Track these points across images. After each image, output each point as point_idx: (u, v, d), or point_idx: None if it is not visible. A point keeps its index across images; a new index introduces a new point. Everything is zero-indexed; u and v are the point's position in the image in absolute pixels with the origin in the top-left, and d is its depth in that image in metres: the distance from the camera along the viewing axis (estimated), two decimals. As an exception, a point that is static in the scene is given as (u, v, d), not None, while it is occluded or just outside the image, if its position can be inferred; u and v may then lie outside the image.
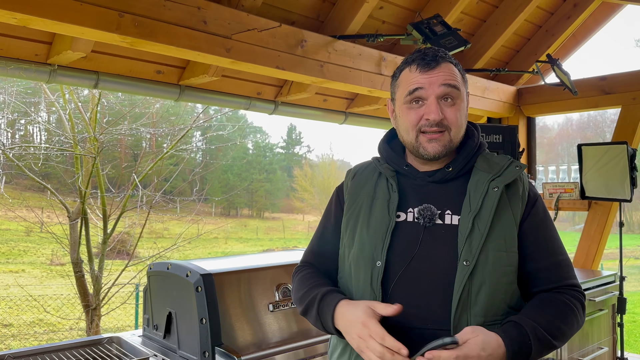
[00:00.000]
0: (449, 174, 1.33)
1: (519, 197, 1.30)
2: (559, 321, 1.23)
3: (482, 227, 1.23)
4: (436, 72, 1.28)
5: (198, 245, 17.73)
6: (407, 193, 1.35)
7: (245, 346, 1.95)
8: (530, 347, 1.17)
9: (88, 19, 2.13)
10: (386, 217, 1.31)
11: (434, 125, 1.28)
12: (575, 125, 34.96)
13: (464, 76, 1.35)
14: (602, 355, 3.54)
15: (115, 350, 2.03)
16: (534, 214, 1.31)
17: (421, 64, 1.30)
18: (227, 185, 32.27)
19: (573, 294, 1.29)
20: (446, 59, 1.31)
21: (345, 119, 4.11)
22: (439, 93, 1.28)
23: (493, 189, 1.27)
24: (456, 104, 1.29)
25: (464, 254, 1.22)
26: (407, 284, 1.25)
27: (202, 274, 1.93)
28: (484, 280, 1.21)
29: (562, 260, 1.31)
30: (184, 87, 3.18)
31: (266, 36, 2.72)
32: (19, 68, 2.65)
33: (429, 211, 1.28)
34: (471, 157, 1.35)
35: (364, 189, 1.41)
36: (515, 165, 1.32)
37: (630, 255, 17.50)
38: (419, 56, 1.32)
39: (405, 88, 1.31)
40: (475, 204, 1.26)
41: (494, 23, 4.02)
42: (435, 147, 1.29)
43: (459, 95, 1.30)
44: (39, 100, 7.76)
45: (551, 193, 4.15)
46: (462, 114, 1.32)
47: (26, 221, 10.54)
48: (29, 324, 9.49)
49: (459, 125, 1.31)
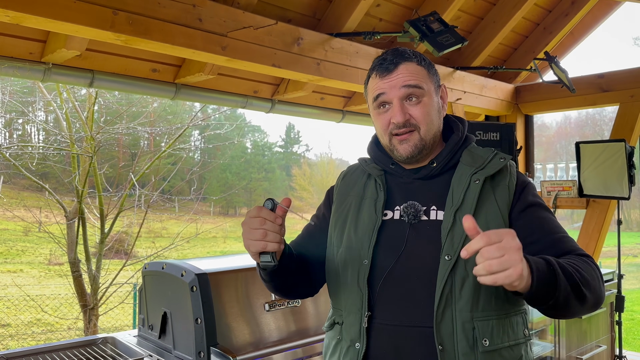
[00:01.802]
0: (433, 170, 1.33)
1: (505, 186, 1.28)
2: (581, 269, 1.12)
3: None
4: (395, 75, 1.29)
5: (196, 245, 17.72)
6: (394, 191, 1.36)
7: (242, 346, 1.93)
8: (554, 272, 1.06)
9: (82, 17, 2.11)
10: (373, 215, 1.32)
11: (401, 127, 1.29)
12: (573, 123, 34.97)
13: (430, 70, 1.34)
14: (601, 353, 3.54)
15: (109, 351, 2.01)
16: (523, 199, 1.28)
17: (380, 70, 1.32)
18: (225, 184, 32.23)
19: (586, 260, 1.19)
20: (406, 58, 1.31)
21: (343, 117, 4.10)
22: (401, 95, 1.29)
23: (475, 181, 1.27)
24: (422, 102, 1.29)
25: (445, 249, 1.21)
26: (393, 281, 1.25)
27: (197, 273, 1.92)
28: (467, 273, 1.19)
29: (562, 237, 1.25)
30: (180, 85, 3.16)
31: (262, 34, 2.70)
32: (14, 67, 2.64)
33: (412, 208, 1.28)
34: (456, 151, 1.34)
35: (353, 189, 1.42)
36: (500, 157, 1.31)
37: (629, 253, 17.53)
38: (378, 61, 1.33)
39: (371, 95, 1.34)
40: (457, 198, 1.26)
41: (491, 20, 4.00)
42: (406, 147, 1.30)
43: (423, 93, 1.30)
44: (36, 99, 7.72)
45: (549, 191, 4.14)
46: (431, 109, 1.31)
47: (24, 221, 10.52)
48: (26, 324, 9.47)
49: (428, 122, 1.30)
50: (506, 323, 1.22)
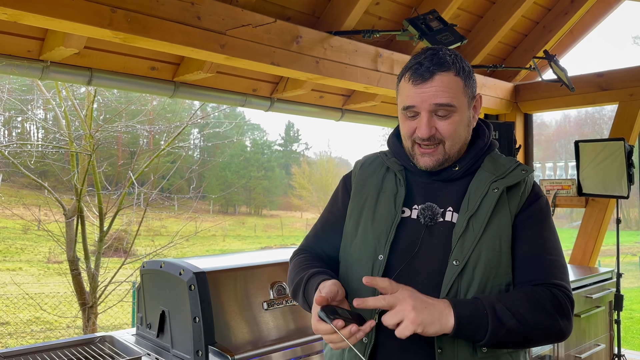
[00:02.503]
0: (455, 173, 1.31)
1: (518, 196, 1.27)
2: (526, 305, 1.14)
3: (477, 227, 1.22)
4: (428, 86, 1.23)
5: (196, 243, 17.73)
6: (414, 189, 1.34)
7: (240, 345, 1.93)
8: (486, 316, 1.09)
9: (80, 15, 2.10)
10: (392, 211, 1.31)
11: (425, 140, 1.26)
12: (572, 122, 34.97)
13: (467, 81, 1.28)
14: (599, 352, 3.54)
15: (107, 350, 2.01)
16: (532, 209, 1.27)
17: (414, 76, 1.25)
18: (225, 183, 32.25)
19: (555, 291, 1.19)
20: (443, 67, 1.24)
21: (342, 115, 4.09)
22: (431, 110, 1.24)
23: (493, 190, 1.25)
24: (452, 118, 1.25)
25: (454, 254, 1.21)
26: (403, 281, 1.23)
27: (195, 272, 1.91)
28: (473, 280, 1.19)
29: (554, 260, 1.24)
30: (179, 83, 3.16)
31: (261, 32, 2.69)
32: (12, 65, 2.63)
33: (429, 211, 1.27)
34: (479, 157, 1.33)
35: (370, 179, 1.40)
36: (522, 169, 1.30)
37: (627, 251, 17.53)
38: (414, 64, 1.26)
39: (401, 100, 1.29)
40: (473, 204, 1.25)
41: (490, 19, 4.00)
42: (427, 161, 1.28)
43: (454, 110, 1.25)
44: (34, 97, 7.70)
45: (548, 190, 4.14)
46: (460, 125, 1.27)
47: (23, 219, 10.51)
48: (25, 323, 9.46)
49: (455, 137, 1.27)
50: None
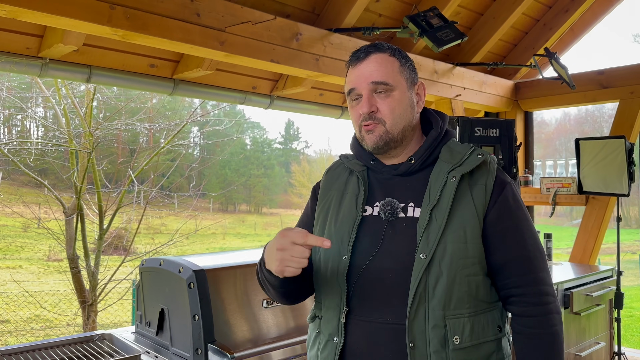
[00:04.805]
0: (412, 166, 1.32)
1: (482, 185, 1.27)
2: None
3: (439, 219, 1.22)
4: (364, 65, 1.29)
5: (195, 241, 17.71)
6: (375, 187, 1.36)
7: (239, 342, 1.93)
8: None
9: (78, 11, 2.09)
10: (353, 211, 1.32)
11: (367, 119, 1.29)
12: (573, 120, 34.94)
13: (403, 63, 1.32)
14: (599, 350, 3.53)
15: (106, 347, 2.00)
16: (501, 202, 1.27)
17: (352, 59, 1.33)
18: (224, 181, 32.22)
19: (547, 316, 1.25)
20: (378, 49, 1.31)
21: (342, 113, 4.09)
22: (370, 89, 1.29)
23: (451, 179, 1.25)
24: (391, 96, 1.28)
25: (421, 247, 1.21)
26: (370, 278, 1.26)
27: (195, 270, 1.91)
28: (441, 272, 1.20)
29: (530, 252, 1.26)
30: (178, 81, 3.15)
31: (261, 29, 2.68)
32: (10, 62, 2.62)
33: (389, 206, 1.28)
34: (435, 147, 1.33)
35: (335, 184, 1.43)
36: (478, 153, 1.30)
37: (628, 250, 17.54)
38: (354, 53, 1.34)
39: (346, 90, 1.36)
40: (434, 196, 1.25)
41: (491, 16, 3.99)
42: (371, 138, 1.30)
43: (391, 87, 1.28)
44: (34, 95, 7.69)
45: (549, 188, 4.13)
46: (400, 104, 1.29)
47: (23, 217, 10.50)
48: (25, 320, 9.47)
49: (396, 116, 1.29)
50: (478, 320, 1.22)
